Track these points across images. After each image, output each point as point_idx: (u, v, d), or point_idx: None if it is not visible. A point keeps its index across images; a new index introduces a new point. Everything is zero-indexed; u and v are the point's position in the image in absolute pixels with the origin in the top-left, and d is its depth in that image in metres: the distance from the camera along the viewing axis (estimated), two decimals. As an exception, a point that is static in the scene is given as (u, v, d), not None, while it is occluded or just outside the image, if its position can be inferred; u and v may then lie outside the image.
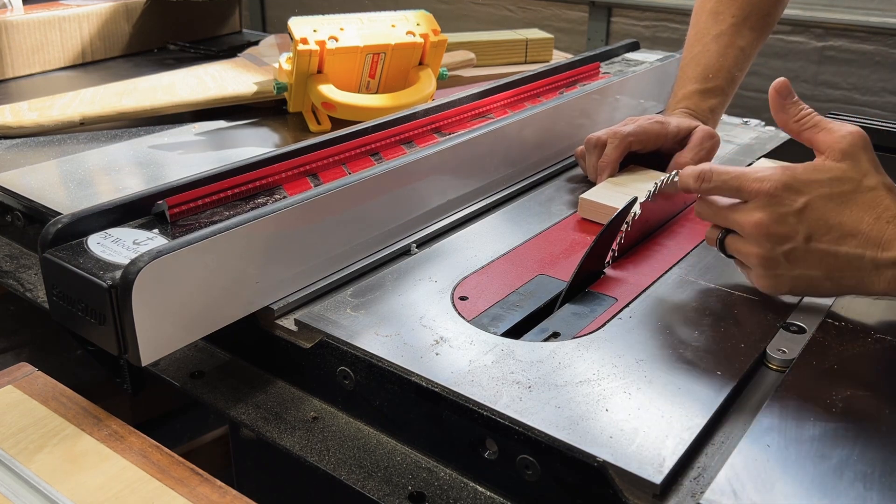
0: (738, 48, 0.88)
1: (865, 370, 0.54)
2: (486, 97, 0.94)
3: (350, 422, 0.57)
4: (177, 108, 1.03)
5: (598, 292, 0.64)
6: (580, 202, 0.78)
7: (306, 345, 0.58)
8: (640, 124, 0.84)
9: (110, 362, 0.61)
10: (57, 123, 0.98)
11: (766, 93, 0.61)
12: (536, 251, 0.71)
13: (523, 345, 0.56)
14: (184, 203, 0.65)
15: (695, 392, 0.51)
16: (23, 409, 0.57)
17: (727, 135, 1.02)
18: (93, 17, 1.32)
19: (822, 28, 1.99)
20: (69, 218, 0.60)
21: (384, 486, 0.52)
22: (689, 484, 0.46)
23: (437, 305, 0.61)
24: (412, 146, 0.84)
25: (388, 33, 1.00)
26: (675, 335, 0.57)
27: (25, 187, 0.80)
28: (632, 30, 2.37)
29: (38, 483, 0.50)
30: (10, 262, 0.79)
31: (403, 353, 0.55)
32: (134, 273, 0.51)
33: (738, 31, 0.89)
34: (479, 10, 2.70)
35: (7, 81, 1.23)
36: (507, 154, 0.82)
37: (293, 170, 0.73)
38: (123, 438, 0.54)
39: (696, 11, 0.93)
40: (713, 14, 0.90)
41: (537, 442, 0.47)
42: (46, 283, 0.59)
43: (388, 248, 0.69)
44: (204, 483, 0.50)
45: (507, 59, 1.32)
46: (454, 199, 0.77)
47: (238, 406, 0.59)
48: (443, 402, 0.51)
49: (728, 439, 0.49)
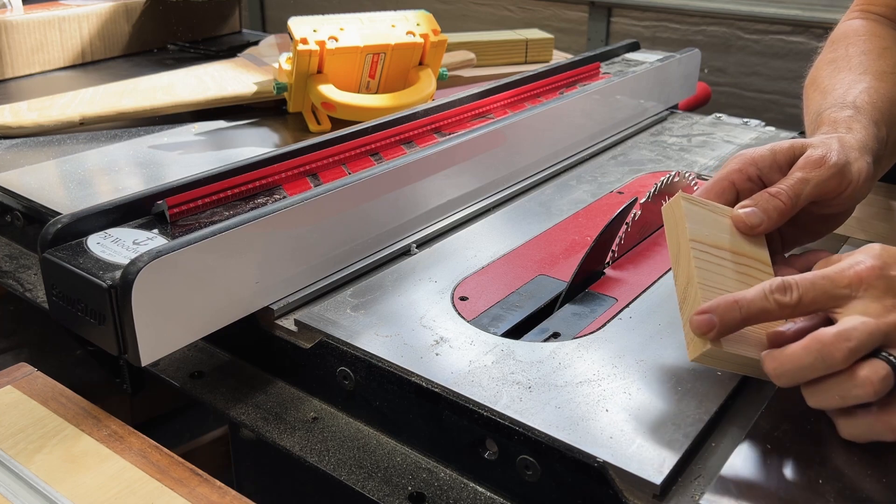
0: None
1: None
2: (486, 97, 0.94)
3: (350, 422, 0.57)
4: (176, 108, 1.03)
5: (598, 292, 0.64)
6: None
7: (306, 345, 0.58)
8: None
9: (110, 362, 0.61)
10: (57, 123, 0.98)
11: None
12: (536, 251, 0.71)
13: (523, 345, 0.56)
14: (184, 203, 0.65)
15: (695, 392, 0.51)
16: (22, 409, 0.57)
17: (727, 135, 1.02)
18: (93, 17, 1.32)
19: (822, 28, 1.99)
20: (69, 218, 0.60)
21: (384, 487, 0.51)
22: (689, 484, 0.46)
23: (437, 306, 0.61)
24: (412, 146, 0.84)
25: (388, 33, 1.00)
26: (676, 335, 0.57)
27: (25, 187, 0.80)
28: (632, 30, 2.37)
29: (37, 483, 0.50)
30: (10, 262, 0.79)
31: (403, 354, 0.55)
32: (134, 273, 0.51)
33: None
34: (479, 10, 2.70)
35: (7, 81, 1.22)
36: (507, 154, 0.82)
37: (293, 170, 0.73)
38: (123, 439, 0.54)
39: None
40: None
41: (537, 442, 0.47)
42: (46, 284, 0.59)
43: (388, 248, 0.69)
44: (203, 483, 0.50)
45: (507, 60, 1.32)
46: (454, 199, 0.76)
47: (238, 406, 0.59)
48: (443, 403, 0.51)
49: (728, 440, 0.49)
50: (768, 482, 0.45)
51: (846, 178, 0.57)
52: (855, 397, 0.46)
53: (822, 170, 0.56)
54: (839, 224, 0.62)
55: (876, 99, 0.66)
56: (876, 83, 0.68)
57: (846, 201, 0.58)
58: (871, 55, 0.73)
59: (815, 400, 0.47)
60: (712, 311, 0.49)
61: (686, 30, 2.27)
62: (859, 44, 0.75)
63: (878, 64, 0.71)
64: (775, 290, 0.48)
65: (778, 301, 0.48)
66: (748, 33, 2.15)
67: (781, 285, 0.48)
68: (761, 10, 2.11)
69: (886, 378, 0.45)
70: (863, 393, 0.45)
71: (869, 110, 0.64)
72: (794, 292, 0.48)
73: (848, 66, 0.72)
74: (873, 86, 0.68)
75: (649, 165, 0.91)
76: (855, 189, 0.58)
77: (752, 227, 0.56)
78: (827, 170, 0.56)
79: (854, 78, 0.70)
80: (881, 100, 0.66)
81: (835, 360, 0.45)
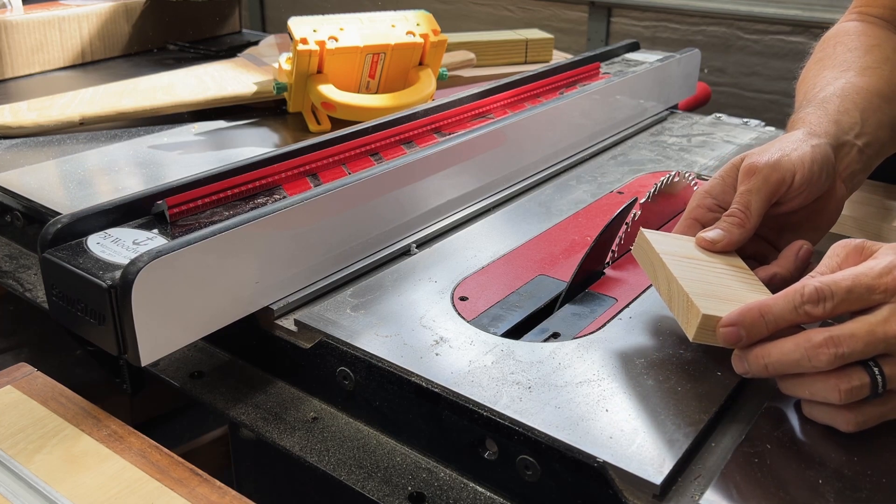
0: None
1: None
2: (486, 97, 0.94)
3: (350, 422, 0.57)
4: (176, 108, 1.03)
5: (598, 292, 0.64)
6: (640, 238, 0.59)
7: (306, 345, 0.58)
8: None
9: (110, 362, 0.61)
10: (56, 123, 0.98)
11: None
12: (536, 251, 0.71)
13: (523, 345, 0.56)
14: (183, 203, 0.65)
15: (695, 392, 0.51)
16: (22, 409, 0.57)
17: (727, 135, 1.02)
18: (92, 17, 1.32)
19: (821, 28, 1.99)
20: (69, 218, 0.60)
21: (384, 487, 0.51)
22: (688, 484, 0.46)
23: (437, 306, 0.61)
24: (412, 146, 0.84)
25: (387, 33, 1.00)
26: (675, 335, 0.57)
27: (25, 187, 0.80)
28: (632, 30, 2.37)
29: (37, 483, 0.50)
30: (10, 262, 0.79)
31: (403, 354, 0.55)
32: (133, 273, 0.51)
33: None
34: (479, 10, 2.70)
35: (7, 81, 1.23)
36: (507, 154, 0.82)
37: (293, 170, 0.73)
38: (123, 439, 0.54)
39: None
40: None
41: (537, 442, 0.47)
42: (46, 283, 0.59)
43: (388, 248, 0.69)
44: (203, 483, 0.50)
45: (507, 60, 1.32)
46: (454, 199, 0.76)
47: (238, 406, 0.59)
48: (443, 403, 0.51)
49: (728, 440, 0.49)
50: (768, 482, 0.45)
51: (784, 168, 0.57)
52: (823, 398, 0.47)
53: (757, 176, 0.57)
54: (831, 217, 0.62)
55: (851, 91, 0.66)
56: (856, 77, 0.68)
57: (809, 189, 0.58)
58: (858, 52, 0.73)
59: (786, 387, 0.49)
60: (738, 325, 0.49)
61: (686, 30, 2.27)
62: (847, 42, 0.76)
63: (864, 60, 0.71)
64: (807, 301, 0.47)
65: (808, 312, 0.47)
66: (748, 33, 2.15)
67: (815, 294, 0.47)
68: (761, 10, 2.11)
69: (860, 389, 0.46)
70: (832, 397, 0.46)
71: (837, 100, 0.65)
72: (829, 303, 0.47)
73: (832, 63, 0.73)
74: (851, 80, 0.68)
75: (649, 165, 0.91)
76: (808, 174, 0.57)
77: (712, 242, 0.57)
78: (760, 173, 0.57)
79: (835, 75, 0.70)
80: (856, 90, 0.66)
81: (819, 362, 0.46)
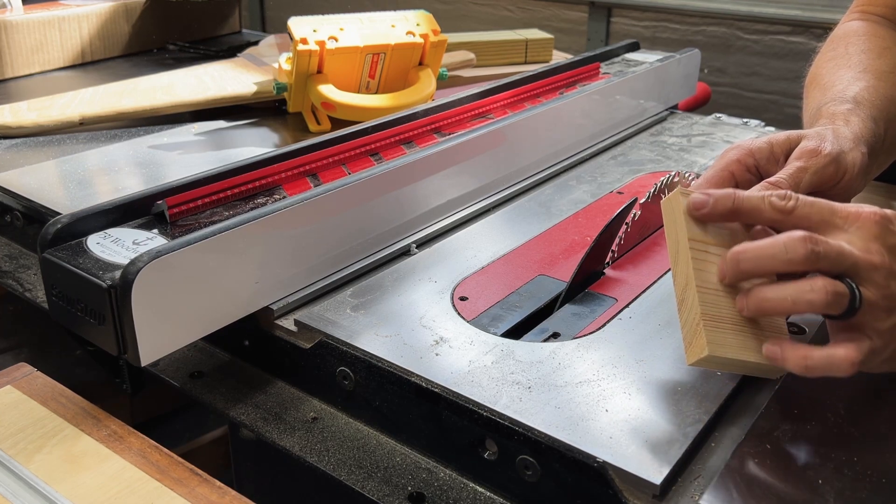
0: None
1: (865, 372, 0.54)
2: (486, 97, 0.93)
3: (350, 422, 0.57)
4: (176, 108, 1.03)
5: (598, 293, 0.64)
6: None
7: (306, 345, 0.58)
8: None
9: (110, 362, 0.61)
10: (56, 123, 0.98)
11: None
12: (536, 251, 0.71)
13: (523, 345, 0.56)
14: (183, 203, 0.65)
15: (695, 392, 0.51)
16: (22, 409, 0.57)
17: (727, 135, 1.02)
18: (92, 17, 1.32)
19: (821, 28, 1.99)
20: (68, 218, 0.60)
21: (384, 487, 0.51)
22: (688, 484, 0.46)
23: (437, 306, 0.61)
24: (412, 146, 0.84)
25: (387, 33, 1.00)
26: (675, 335, 0.57)
27: (25, 187, 0.80)
28: (632, 30, 2.37)
29: (37, 483, 0.50)
30: (10, 262, 0.79)
31: (403, 354, 0.55)
32: (133, 273, 0.51)
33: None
34: (479, 10, 2.70)
35: (7, 81, 1.23)
36: (507, 154, 0.82)
37: (293, 170, 0.73)
38: (123, 439, 0.54)
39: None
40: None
41: (537, 442, 0.47)
42: (46, 283, 0.59)
43: (388, 248, 0.69)
44: (203, 483, 0.50)
45: (506, 60, 1.32)
46: (454, 199, 0.76)
47: (238, 406, 0.59)
48: (443, 403, 0.51)
49: (727, 440, 0.49)
50: (768, 482, 0.45)
51: (841, 166, 0.57)
52: (807, 302, 0.46)
53: (819, 158, 0.57)
54: None
55: (875, 97, 0.67)
56: (875, 81, 0.69)
57: (842, 192, 0.59)
58: (871, 54, 0.73)
59: (768, 303, 0.48)
60: (709, 194, 0.50)
61: (686, 30, 2.27)
62: (859, 43, 0.76)
63: (878, 63, 0.72)
64: (774, 194, 0.49)
65: (773, 204, 0.49)
66: (748, 33, 2.15)
67: (782, 192, 0.49)
68: (761, 10, 2.11)
69: (841, 295, 0.46)
70: (815, 298, 0.45)
71: (867, 106, 0.65)
72: (791, 202, 0.49)
73: (847, 63, 0.73)
74: (872, 84, 0.68)
75: (649, 165, 0.91)
76: (851, 179, 0.58)
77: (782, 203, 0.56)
78: (823, 158, 0.57)
79: (854, 75, 0.70)
80: (879, 97, 0.67)
81: (797, 254, 0.45)
